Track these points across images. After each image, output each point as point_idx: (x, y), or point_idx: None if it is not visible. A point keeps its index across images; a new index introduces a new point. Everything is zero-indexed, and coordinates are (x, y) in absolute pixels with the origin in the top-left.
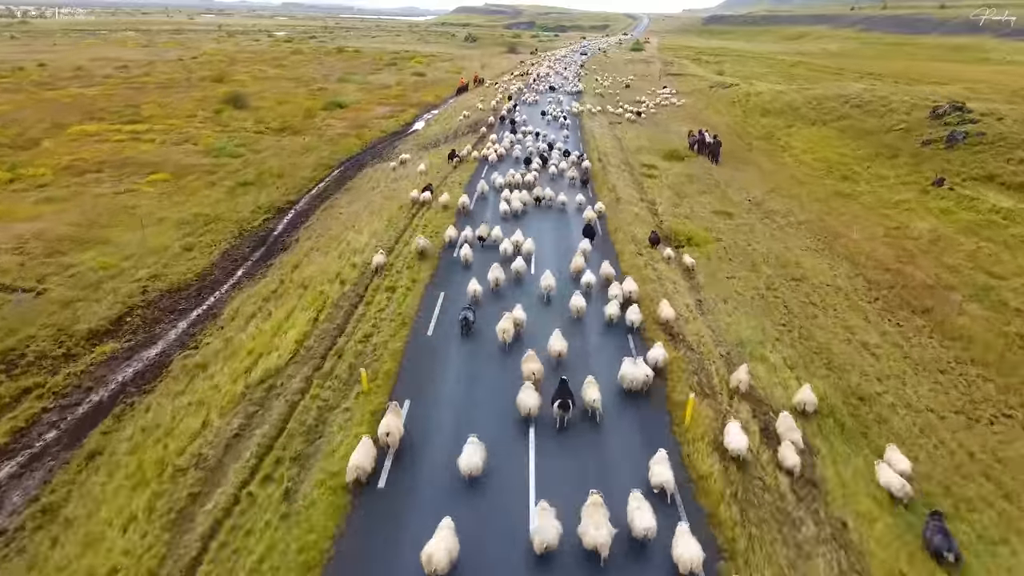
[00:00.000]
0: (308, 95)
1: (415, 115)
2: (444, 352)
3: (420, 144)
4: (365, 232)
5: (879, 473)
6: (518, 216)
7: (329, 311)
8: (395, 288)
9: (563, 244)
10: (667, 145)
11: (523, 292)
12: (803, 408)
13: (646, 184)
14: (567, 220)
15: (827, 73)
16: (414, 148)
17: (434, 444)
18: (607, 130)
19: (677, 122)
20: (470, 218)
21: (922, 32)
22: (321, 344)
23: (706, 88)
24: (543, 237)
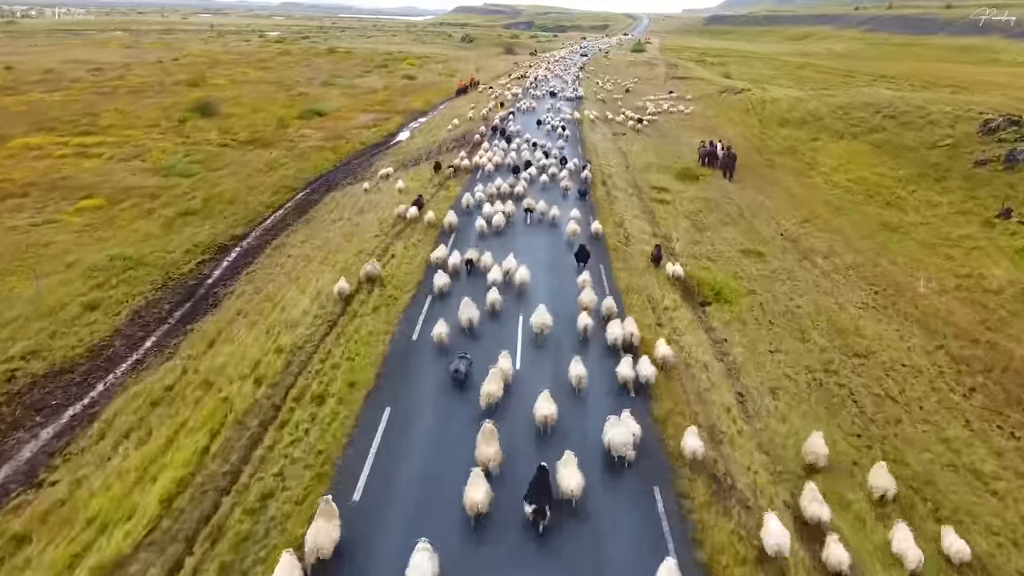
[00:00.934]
0: (287, 101)
1: (400, 124)
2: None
3: (400, 160)
4: (308, 292)
5: None
6: (500, 233)
7: (227, 436)
8: (325, 397)
9: (557, 270)
10: (678, 161)
11: (504, 331)
12: None
13: (658, 213)
14: (560, 238)
15: (837, 76)
16: (393, 165)
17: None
18: (611, 143)
19: (687, 132)
20: (456, 237)
21: (929, 32)
22: (197, 508)
23: (715, 93)
24: (533, 261)
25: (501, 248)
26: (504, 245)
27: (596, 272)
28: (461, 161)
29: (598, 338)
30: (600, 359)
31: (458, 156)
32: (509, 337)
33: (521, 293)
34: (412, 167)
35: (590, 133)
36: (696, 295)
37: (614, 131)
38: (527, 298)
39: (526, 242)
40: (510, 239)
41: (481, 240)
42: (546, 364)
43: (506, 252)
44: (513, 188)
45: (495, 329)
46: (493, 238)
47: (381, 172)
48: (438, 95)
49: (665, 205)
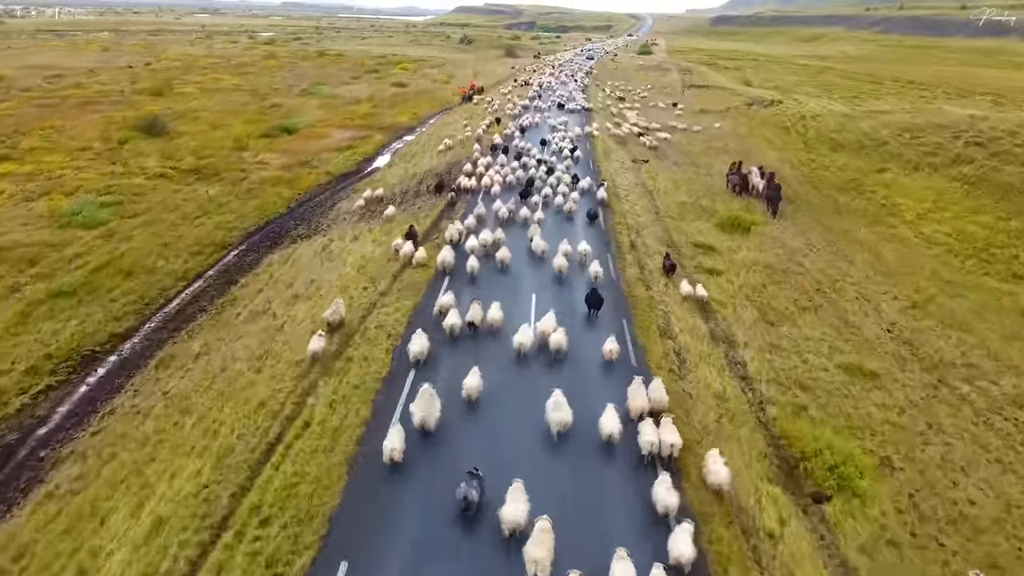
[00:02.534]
0: (255, 114)
1: (380, 145)
2: None
3: (367, 204)
4: (145, 515)
5: None
6: (504, 271)
7: None
8: None
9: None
10: (716, 200)
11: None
12: None
13: (710, 293)
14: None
15: (862, 82)
16: (361, 209)
17: None
18: (631, 174)
19: (719, 157)
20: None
21: (945, 34)
22: None
23: (742, 106)
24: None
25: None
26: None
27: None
28: (464, 180)
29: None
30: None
31: (461, 175)
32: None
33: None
34: (379, 217)
35: (605, 160)
36: (799, 475)
37: (632, 156)
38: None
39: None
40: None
41: (473, 285)
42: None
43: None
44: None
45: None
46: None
47: (360, 202)
48: (430, 106)
49: (715, 277)
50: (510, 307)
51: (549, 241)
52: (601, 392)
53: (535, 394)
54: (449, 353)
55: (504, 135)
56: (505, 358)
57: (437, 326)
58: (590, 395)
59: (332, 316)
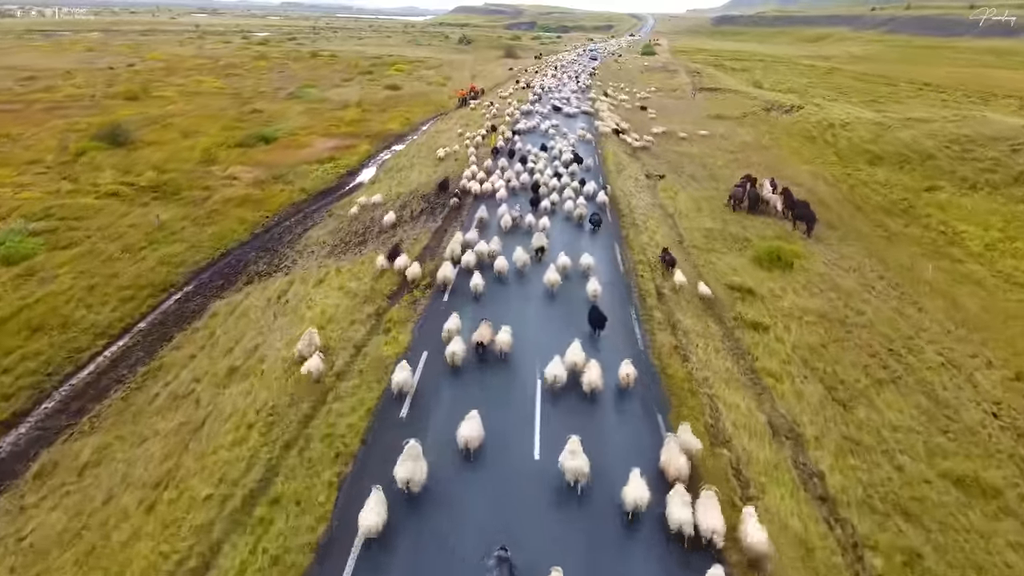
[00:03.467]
0: (233, 121)
1: (367, 155)
2: None
3: (341, 231)
4: None
5: None
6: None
7: None
8: None
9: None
10: (747, 223)
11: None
12: None
13: (757, 359)
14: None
15: (876, 83)
16: (332, 237)
17: None
18: (647, 193)
19: (742, 170)
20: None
21: (954, 34)
22: None
23: (760, 111)
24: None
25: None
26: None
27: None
28: (469, 183)
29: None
30: None
31: (464, 177)
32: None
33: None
34: (354, 248)
35: (617, 176)
36: None
37: (646, 170)
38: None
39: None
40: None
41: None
42: None
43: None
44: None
45: None
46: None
47: (319, 241)
48: (424, 111)
49: (761, 334)
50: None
51: (555, 251)
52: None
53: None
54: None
55: (500, 145)
56: (518, 394)
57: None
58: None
59: (306, 349)
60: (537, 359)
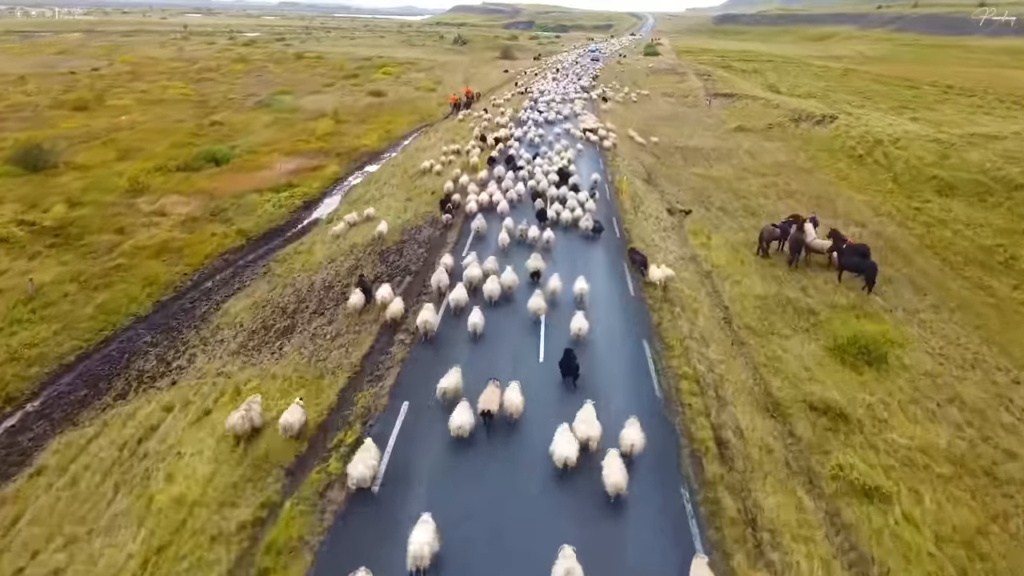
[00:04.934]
0: (187, 135)
1: (332, 180)
2: None
3: (270, 304)
4: None
5: None
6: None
7: None
8: None
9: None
10: (807, 282)
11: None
12: None
13: (884, 567)
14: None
15: (897, 86)
16: (254, 306)
17: None
18: (673, 237)
19: (784, 201)
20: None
21: (964, 33)
22: None
23: (787, 122)
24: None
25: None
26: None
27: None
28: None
29: None
30: None
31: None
32: None
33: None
34: (273, 342)
35: (636, 216)
36: None
37: (668, 203)
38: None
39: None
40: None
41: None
42: None
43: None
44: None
45: None
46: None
47: (236, 322)
48: (407, 121)
49: (880, 510)
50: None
51: (560, 272)
52: None
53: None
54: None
55: (495, 155)
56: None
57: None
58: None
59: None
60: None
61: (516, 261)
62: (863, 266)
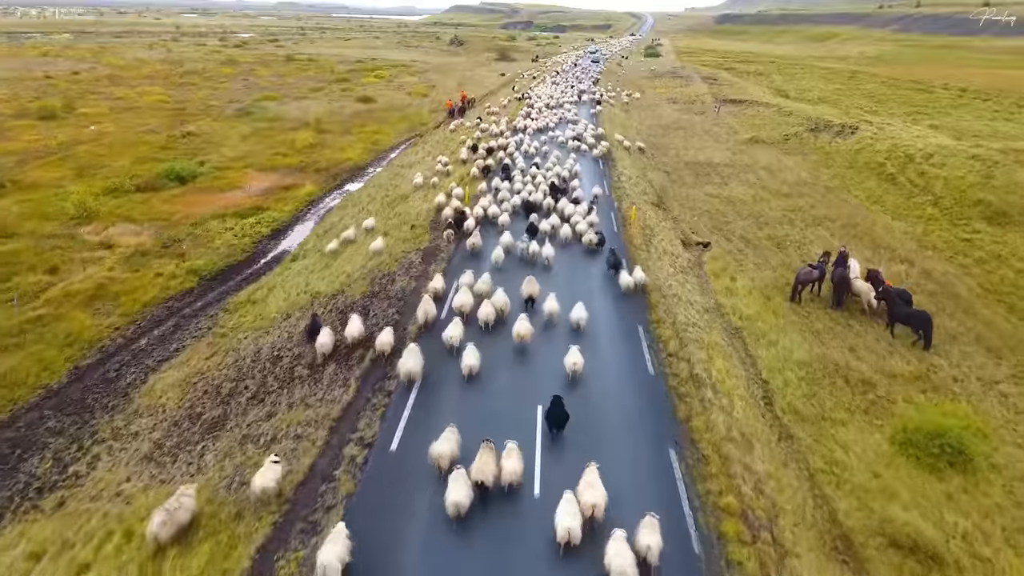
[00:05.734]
0: (157, 147)
1: (307, 202)
2: None
3: (209, 377)
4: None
5: None
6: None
7: None
8: None
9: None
10: (856, 337)
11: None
12: None
13: None
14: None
15: (910, 89)
16: (183, 394)
17: None
18: (691, 281)
19: (811, 229)
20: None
21: (969, 33)
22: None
23: (804, 132)
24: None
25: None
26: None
27: None
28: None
29: None
30: None
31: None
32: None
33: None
34: (195, 443)
35: (646, 249)
36: None
37: (681, 231)
38: None
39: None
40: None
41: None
42: None
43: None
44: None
45: None
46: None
47: (153, 406)
48: (396, 131)
49: None
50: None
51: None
52: None
53: None
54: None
55: (492, 164)
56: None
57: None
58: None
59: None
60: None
61: (511, 280)
62: (916, 318)
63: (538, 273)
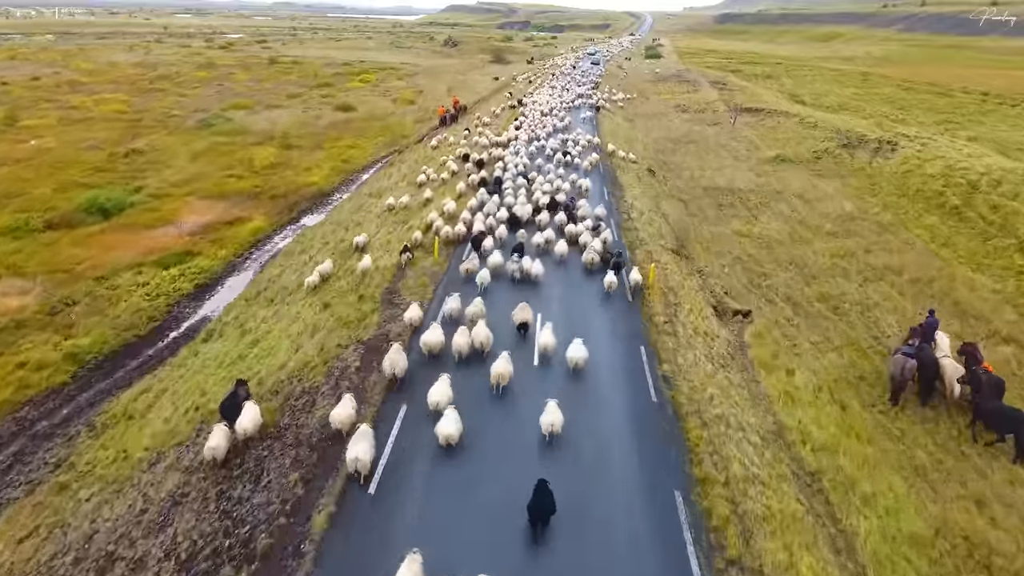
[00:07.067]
0: (94, 167)
1: (252, 241)
2: None
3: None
4: None
5: None
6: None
7: None
8: None
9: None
10: (960, 466)
11: None
12: None
13: None
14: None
15: (928, 93)
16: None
17: None
18: (733, 375)
19: (872, 284)
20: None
21: (977, 33)
22: None
23: (835, 148)
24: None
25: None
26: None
27: None
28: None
29: None
30: None
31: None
32: None
33: None
34: None
35: (670, 329)
36: None
37: (711, 291)
38: None
39: None
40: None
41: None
42: None
43: None
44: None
45: None
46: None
47: None
48: (373, 147)
49: None
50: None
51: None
52: None
53: None
54: None
55: (484, 176)
56: None
57: None
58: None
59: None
60: None
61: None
62: (1009, 418)
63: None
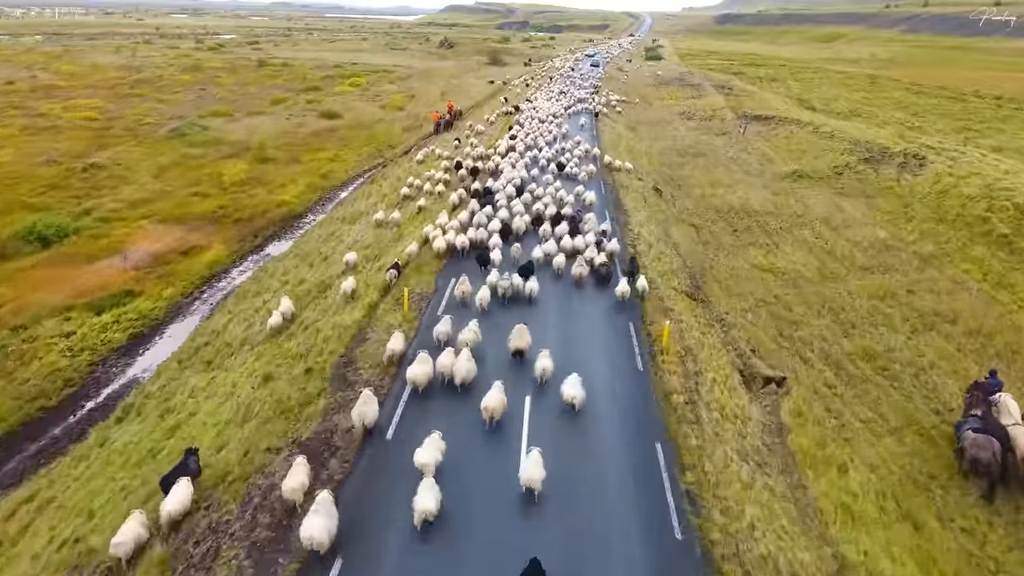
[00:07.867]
0: (46, 185)
1: (206, 276)
2: None
3: None
4: None
5: None
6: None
7: None
8: None
9: None
10: None
11: None
12: None
13: None
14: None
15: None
16: None
17: None
18: (772, 474)
19: (920, 336)
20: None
21: (981, 33)
22: None
23: (857, 163)
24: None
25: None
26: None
27: None
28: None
29: None
30: None
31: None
32: None
33: None
34: None
35: (689, 406)
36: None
37: (737, 351)
38: None
39: None
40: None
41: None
42: None
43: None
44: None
45: None
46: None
47: None
48: (356, 159)
49: None
50: None
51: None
52: None
53: None
54: None
55: (478, 187)
56: None
57: None
58: None
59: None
60: None
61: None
62: None
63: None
